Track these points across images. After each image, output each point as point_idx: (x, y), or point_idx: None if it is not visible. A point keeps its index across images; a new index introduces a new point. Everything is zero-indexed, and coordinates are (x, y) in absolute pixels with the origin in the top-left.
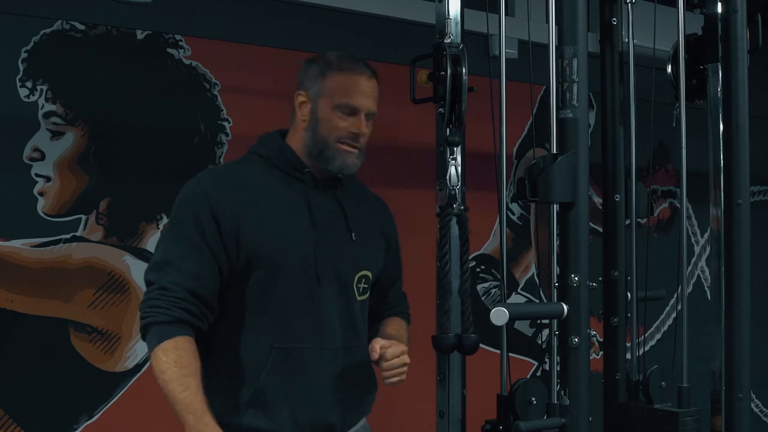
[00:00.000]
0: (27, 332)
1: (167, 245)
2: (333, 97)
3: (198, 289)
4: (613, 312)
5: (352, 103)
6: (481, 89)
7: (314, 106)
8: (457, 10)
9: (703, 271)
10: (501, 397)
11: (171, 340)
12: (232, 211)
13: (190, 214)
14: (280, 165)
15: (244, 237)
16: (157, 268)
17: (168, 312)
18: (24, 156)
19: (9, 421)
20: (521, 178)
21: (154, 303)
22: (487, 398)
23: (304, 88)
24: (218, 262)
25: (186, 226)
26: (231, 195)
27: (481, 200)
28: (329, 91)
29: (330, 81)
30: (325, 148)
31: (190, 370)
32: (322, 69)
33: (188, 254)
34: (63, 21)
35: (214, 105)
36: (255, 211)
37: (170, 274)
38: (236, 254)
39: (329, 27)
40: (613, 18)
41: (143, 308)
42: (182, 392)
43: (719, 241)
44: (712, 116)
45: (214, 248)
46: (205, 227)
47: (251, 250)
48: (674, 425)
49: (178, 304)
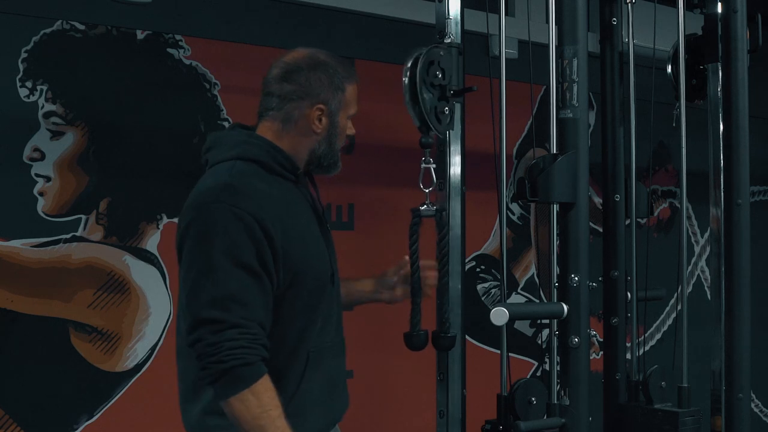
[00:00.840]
0: (27, 332)
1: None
2: (349, 108)
3: (265, 321)
4: (613, 312)
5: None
6: (481, 89)
7: (335, 119)
8: (457, 10)
9: (703, 271)
10: (501, 397)
11: (260, 382)
12: (278, 228)
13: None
14: (277, 169)
15: (288, 252)
16: (220, 305)
17: (253, 351)
18: (24, 156)
19: (9, 421)
20: (521, 178)
21: (237, 344)
22: (487, 398)
23: (321, 100)
24: (272, 284)
25: (241, 253)
26: (271, 212)
27: (481, 200)
28: (347, 103)
29: (348, 94)
30: (337, 158)
31: (280, 410)
32: (338, 81)
33: (250, 284)
34: (63, 21)
35: (214, 105)
36: (291, 223)
37: (240, 311)
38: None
39: (329, 27)
40: (613, 18)
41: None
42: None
43: (719, 241)
44: (712, 116)
45: (269, 271)
46: (261, 252)
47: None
48: (674, 425)
49: (258, 340)
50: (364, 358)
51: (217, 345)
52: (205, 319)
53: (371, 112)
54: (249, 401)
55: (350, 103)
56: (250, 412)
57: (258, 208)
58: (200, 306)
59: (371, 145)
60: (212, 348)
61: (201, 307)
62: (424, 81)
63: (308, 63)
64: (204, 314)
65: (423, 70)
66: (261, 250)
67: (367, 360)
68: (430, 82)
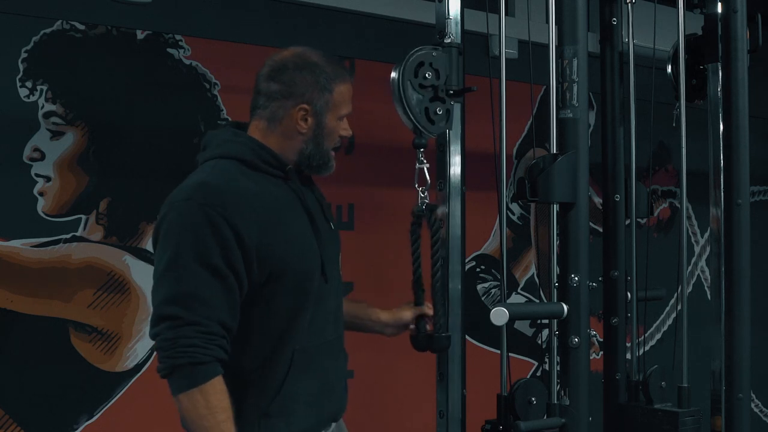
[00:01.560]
0: (27, 332)
1: (185, 275)
2: (339, 110)
3: (228, 322)
4: (613, 312)
5: (350, 111)
6: (481, 89)
7: (322, 119)
8: (457, 10)
9: (703, 271)
10: (501, 397)
11: (211, 383)
12: (253, 225)
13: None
14: (262, 166)
15: (266, 250)
16: (181, 301)
17: (206, 351)
18: (24, 156)
19: (9, 421)
20: (521, 178)
21: (191, 342)
22: (487, 398)
23: (305, 100)
24: (240, 285)
25: (206, 252)
26: (244, 209)
27: (481, 200)
28: (336, 104)
29: (337, 94)
30: (328, 158)
31: (228, 414)
32: (325, 81)
33: (213, 284)
34: (63, 21)
35: (214, 105)
36: (271, 221)
37: (200, 309)
38: (259, 271)
39: (329, 27)
40: (613, 18)
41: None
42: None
43: (719, 241)
44: (712, 116)
45: (237, 272)
46: (228, 251)
47: (277, 262)
48: (674, 425)
49: (215, 341)
50: (364, 358)
51: (173, 341)
52: (164, 315)
53: (371, 112)
54: (197, 401)
55: (339, 104)
56: (197, 412)
57: (229, 206)
58: (161, 302)
59: (371, 145)
60: (168, 343)
61: (162, 303)
62: (410, 82)
63: (295, 62)
64: (164, 310)
65: (409, 71)
66: (228, 250)
67: (367, 360)
68: (419, 83)
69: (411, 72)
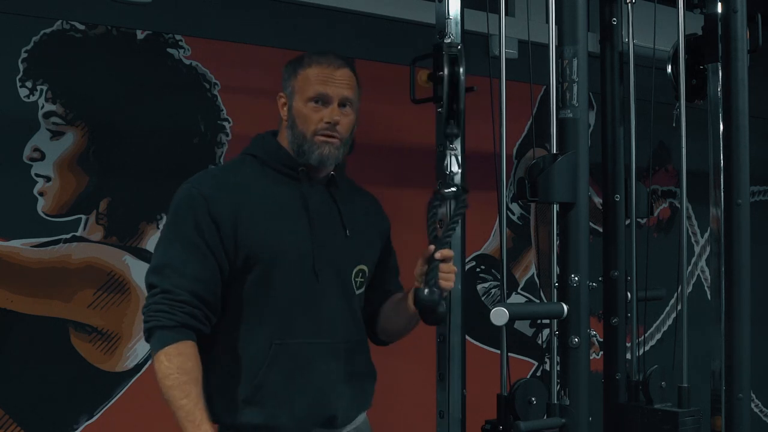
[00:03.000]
0: (27, 332)
1: (167, 247)
2: (304, 91)
3: (201, 292)
4: (613, 312)
5: (321, 91)
6: (481, 89)
7: (290, 102)
8: (457, 10)
9: (703, 271)
10: (501, 397)
11: (174, 345)
12: (229, 212)
13: (189, 216)
14: (274, 164)
15: (242, 237)
16: (158, 271)
17: (171, 316)
18: (24, 156)
19: (9, 421)
20: (521, 178)
21: (158, 307)
22: (487, 398)
23: (283, 89)
24: (219, 263)
25: (185, 228)
26: (228, 196)
27: (481, 200)
28: (300, 87)
29: (301, 76)
30: (303, 142)
31: (191, 377)
32: (294, 67)
33: (190, 256)
34: (63, 21)
35: (214, 105)
36: (252, 211)
37: (172, 278)
38: (235, 254)
39: (329, 27)
40: (613, 18)
41: (146, 312)
42: (183, 399)
43: (719, 241)
44: (712, 116)
45: (214, 249)
46: (204, 229)
47: (249, 250)
48: (674, 425)
49: (182, 308)
50: None
51: (147, 307)
52: (147, 284)
53: (371, 112)
54: (161, 362)
55: (303, 87)
56: (161, 372)
57: (212, 190)
58: (147, 272)
59: (371, 145)
60: (145, 309)
61: (147, 273)
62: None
63: (289, 61)
64: (147, 279)
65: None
66: (205, 228)
67: None
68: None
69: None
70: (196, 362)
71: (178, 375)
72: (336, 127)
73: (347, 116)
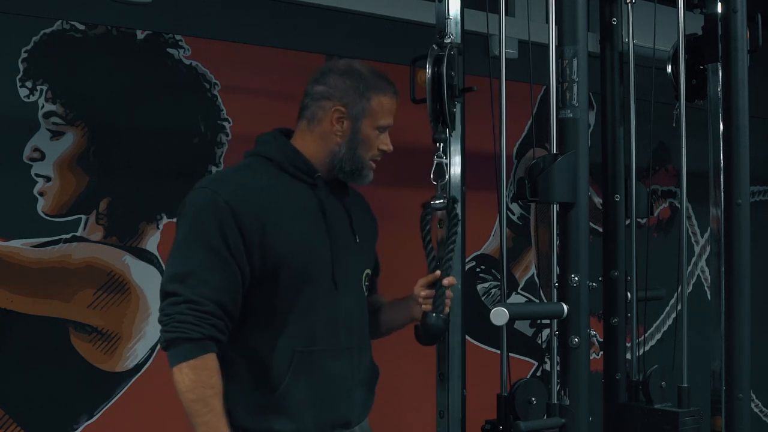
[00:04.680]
0: (27, 332)
1: (188, 254)
2: (376, 119)
3: (225, 303)
4: (613, 312)
5: (389, 122)
6: (481, 89)
7: (357, 124)
8: (457, 10)
9: (703, 271)
10: (501, 397)
11: (200, 359)
12: (255, 219)
13: (213, 223)
14: (291, 169)
15: (269, 245)
16: (180, 279)
17: (198, 329)
18: (24, 156)
19: (9, 421)
20: (521, 178)
21: (184, 318)
22: (487, 398)
23: (342, 103)
24: (242, 271)
25: (209, 235)
26: (252, 203)
27: (481, 200)
28: (373, 113)
29: (375, 103)
30: (363, 166)
31: (215, 391)
32: (364, 88)
33: (214, 265)
34: (63, 21)
35: (214, 105)
36: (277, 218)
37: (197, 287)
38: (261, 262)
39: (329, 27)
40: (613, 18)
41: (169, 321)
42: (207, 414)
43: (719, 241)
44: (712, 116)
45: (238, 258)
46: (229, 237)
47: (277, 258)
48: (674, 425)
49: (208, 320)
50: None
51: (170, 317)
52: (166, 292)
53: None
54: (186, 375)
55: (377, 114)
56: (185, 385)
57: (237, 196)
58: (166, 279)
59: None
60: (166, 319)
61: (165, 280)
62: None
63: (341, 68)
64: (166, 287)
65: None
66: (229, 235)
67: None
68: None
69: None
70: (219, 376)
71: (202, 389)
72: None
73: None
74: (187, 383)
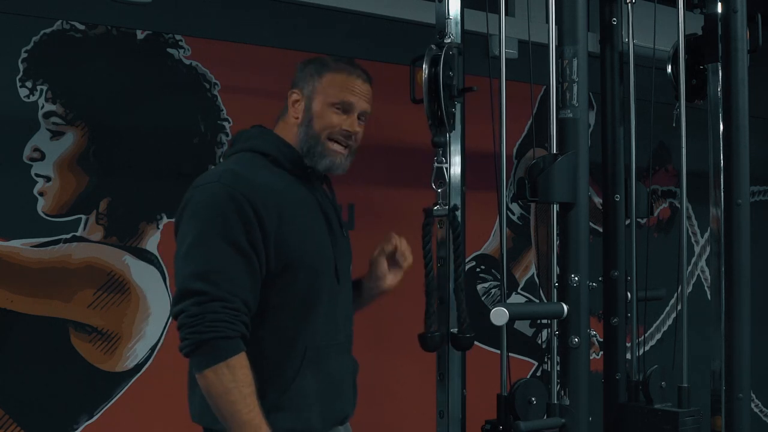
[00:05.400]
0: (27, 332)
1: (210, 251)
2: (328, 95)
3: (249, 300)
4: (613, 312)
5: (347, 99)
6: (481, 89)
7: (308, 102)
8: (457, 10)
9: (703, 271)
10: (501, 397)
11: (237, 357)
12: (273, 213)
13: (233, 218)
14: (286, 164)
15: (283, 240)
16: (205, 277)
17: (233, 327)
18: (24, 156)
19: (9, 421)
20: (521, 178)
21: (217, 317)
22: (487, 398)
23: (298, 87)
24: (260, 266)
25: (230, 230)
26: (266, 197)
27: (481, 200)
28: (325, 89)
29: (326, 79)
30: (316, 143)
31: (253, 389)
32: (318, 69)
33: (238, 261)
34: (63, 21)
35: (214, 105)
36: (289, 213)
37: (224, 284)
38: (276, 257)
39: (329, 27)
40: (613, 18)
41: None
42: (249, 413)
43: (719, 241)
44: (712, 116)
45: (258, 252)
46: (251, 231)
47: (291, 253)
48: (674, 425)
49: (240, 317)
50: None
51: (199, 316)
52: (190, 290)
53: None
54: (224, 375)
55: (328, 90)
56: (224, 386)
57: (253, 191)
58: (186, 278)
59: (371, 145)
60: (194, 319)
61: (187, 279)
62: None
63: (307, 60)
64: (190, 286)
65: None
66: (250, 230)
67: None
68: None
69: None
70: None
71: (242, 388)
72: (352, 137)
73: (361, 128)
74: (226, 384)
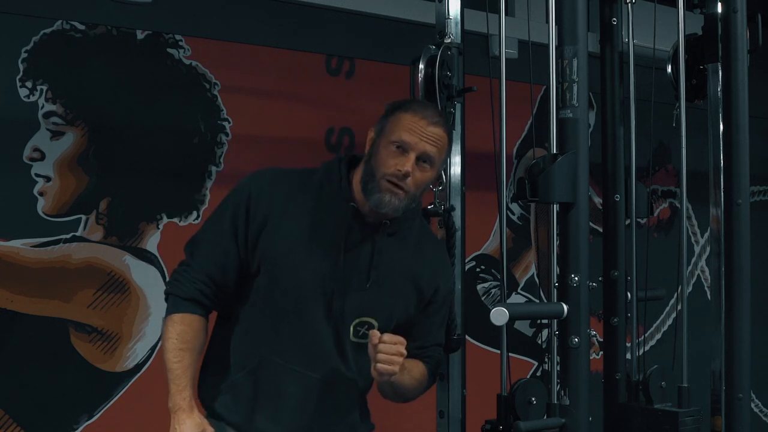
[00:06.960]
0: (27, 332)
1: (207, 225)
2: (390, 133)
3: (216, 276)
4: (613, 312)
5: (404, 138)
6: (481, 89)
7: (376, 139)
8: (457, 10)
9: (703, 271)
10: (501, 397)
11: (180, 315)
12: (263, 213)
13: (232, 205)
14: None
15: (262, 241)
16: (194, 245)
17: (184, 289)
18: (24, 156)
19: (9, 421)
20: (521, 178)
21: (178, 277)
22: (487, 398)
23: (375, 126)
24: (240, 254)
25: (225, 213)
26: (269, 198)
27: (481, 200)
28: (389, 128)
29: (393, 118)
30: (371, 180)
31: (188, 346)
32: (392, 108)
33: (219, 240)
34: (63, 21)
35: (214, 105)
36: (282, 221)
37: (198, 255)
38: (253, 254)
39: (329, 27)
40: (613, 18)
41: (171, 277)
42: (175, 363)
43: (719, 241)
44: (712, 116)
45: (240, 241)
46: (239, 220)
47: (263, 255)
48: (674, 425)
49: (196, 284)
50: None
51: (173, 273)
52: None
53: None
54: (166, 326)
55: (391, 129)
56: (166, 335)
57: (260, 190)
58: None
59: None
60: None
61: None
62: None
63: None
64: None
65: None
66: (238, 217)
67: None
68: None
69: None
70: (197, 335)
71: (176, 341)
72: (406, 179)
73: (423, 172)
74: (165, 334)
